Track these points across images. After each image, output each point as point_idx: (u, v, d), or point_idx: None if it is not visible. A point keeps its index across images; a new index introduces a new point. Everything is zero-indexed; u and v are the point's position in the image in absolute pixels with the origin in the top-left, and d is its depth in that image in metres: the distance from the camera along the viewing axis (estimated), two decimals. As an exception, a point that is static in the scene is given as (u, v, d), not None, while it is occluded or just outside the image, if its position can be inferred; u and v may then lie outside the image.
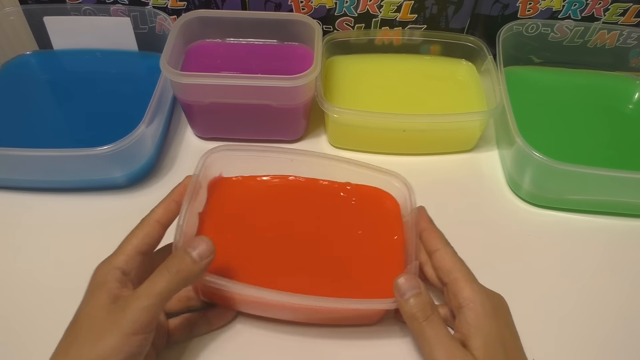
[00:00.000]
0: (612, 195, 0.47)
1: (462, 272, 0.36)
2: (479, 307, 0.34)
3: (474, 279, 0.36)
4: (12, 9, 0.56)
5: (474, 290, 0.35)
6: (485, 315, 0.34)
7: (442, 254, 0.37)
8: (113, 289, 0.32)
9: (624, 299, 0.43)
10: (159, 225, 0.36)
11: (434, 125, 0.51)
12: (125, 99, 0.54)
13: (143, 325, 0.30)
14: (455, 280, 0.36)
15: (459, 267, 0.36)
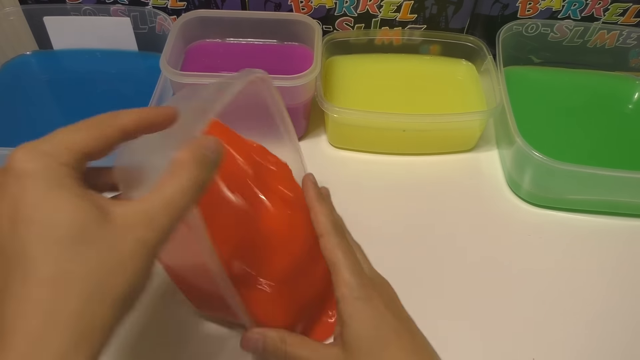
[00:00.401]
0: (612, 195, 0.47)
1: (338, 264, 0.34)
2: (351, 299, 0.33)
3: (352, 268, 0.34)
4: (12, 9, 0.56)
5: (346, 282, 0.34)
6: (357, 306, 0.33)
7: (323, 242, 0.35)
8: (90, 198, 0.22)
9: (624, 298, 0.43)
10: (121, 135, 0.26)
11: (434, 125, 0.51)
12: (125, 99, 0.54)
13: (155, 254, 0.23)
14: (334, 272, 0.34)
15: (336, 258, 0.34)
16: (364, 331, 0.33)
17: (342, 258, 0.34)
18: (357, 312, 0.33)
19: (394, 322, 0.33)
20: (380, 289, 0.35)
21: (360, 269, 0.35)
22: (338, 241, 0.35)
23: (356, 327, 0.33)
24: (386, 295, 0.35)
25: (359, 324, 0.33)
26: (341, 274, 0.34)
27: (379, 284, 0.36)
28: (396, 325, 0.33)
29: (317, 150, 0.53)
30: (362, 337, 0.33)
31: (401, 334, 0.33)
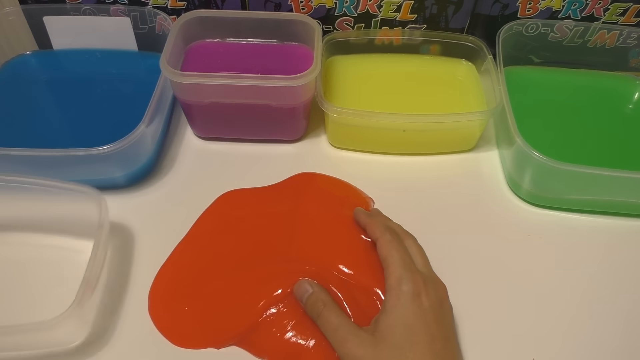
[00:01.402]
0: (612, 195, 0.47)
1: (390, 259, 0.37)
2: (397, 290, 0.35)
3: (403, 263, 0.36)
4: (12, 9, 0.56)
5: (396, 275, 0.35)
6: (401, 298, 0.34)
7: (379, 243, 0.39)
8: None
9: (624, 298, 0.43)
10: None
11: (434, 125, 0.51)
12: (125, 99, 0.54)
13: None
14: (386, 267, 0.37)
15: (388, 254, 0.37)
16: (399, 324, 0.34)
17: (394, 254, 0.37)
18: (399, 303, 0.34)
19: (432, 324, 0.34)
20: (429, 288, 0.35)
21: (412, 265, 0.36)
22: (390, 239, 0.38)
23: (393, 318, 0.34)
24: (434, 295, 0.35)
25: (396, 315, 0.34)
26: (392, 267, 0.36)
27: (430, 282, 0.36)
28: (433, 328, 0.34)
29: (317, 150, 0.53)
30: (395, 329, 0.33)
31: (435, 338, 0.33)
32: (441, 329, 0.34)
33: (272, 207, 0.47)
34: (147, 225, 0.46)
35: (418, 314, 0.34)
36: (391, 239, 0.38)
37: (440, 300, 0.36)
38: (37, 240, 0.44)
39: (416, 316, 0.34)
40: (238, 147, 0.53)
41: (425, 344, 0.33)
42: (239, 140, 0.54)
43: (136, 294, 0.42)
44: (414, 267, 0.37)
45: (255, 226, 0.45)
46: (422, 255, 0.39)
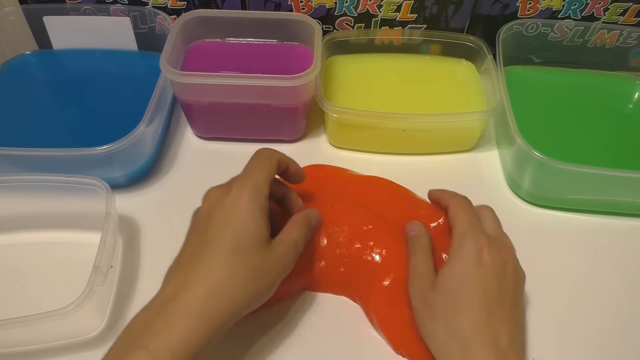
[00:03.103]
0: (612, 195, 0.47)
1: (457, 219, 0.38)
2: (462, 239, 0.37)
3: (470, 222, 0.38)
4: (12, 8, 0.56)
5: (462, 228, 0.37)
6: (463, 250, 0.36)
7: (450, 209, 0.40)
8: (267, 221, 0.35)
9: (623, 298, 0.43)
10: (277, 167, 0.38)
11: (434, 125, 0.51)
12: (125, 99, 0.54)
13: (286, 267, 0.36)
14: (453, 226, 0.38)
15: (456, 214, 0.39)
16: (455, 274, 0.35)
17: (462, 215, 0.38)
18: (459, 257, 0.36)
19: (488, 280, 0.35)
20: (493, 248, 0.36)
21: (478, 225, 0.38)
22: (460, 203, 0.40)
23: (450, 268, 0.36)
24: (496, 255, 0.36)
25: (454, 266, 0.36)
26: (458, 226, 0.38)
27: (495, 243, 0.37)
28: (489, 283, 0.35)
29: (317, 150, 0.53)
30: (451, 279, 0.35)
31: (488, 292, 0.34)
32: (497, 286, 0.35)
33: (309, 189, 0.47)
34: (147, 225, 0.46)
35: (476, 268, 0.35)
36: (461, 203, 0.40)
37: (503, 261, 0.36)
38: (47, 236, 0.45)
39: (473, 270, 0.35)
40: (238, 147, 0.53)
41: (476, 297, 0.34)
42: (239, 140, 0.54)
43: (146, 288, 0.42)
44: (480, 227, 0.38)
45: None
46: (495, 221, 0.40)
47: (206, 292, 0.31)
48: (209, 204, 0.35)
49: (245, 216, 0.34)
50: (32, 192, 0.43)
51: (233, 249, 0.33)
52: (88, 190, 0.42)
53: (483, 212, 0.40)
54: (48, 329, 0.36)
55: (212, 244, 0.33)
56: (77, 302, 0.35)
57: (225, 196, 0.35)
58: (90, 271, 0.37)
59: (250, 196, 0.35)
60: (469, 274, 0.35)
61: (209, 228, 0.34)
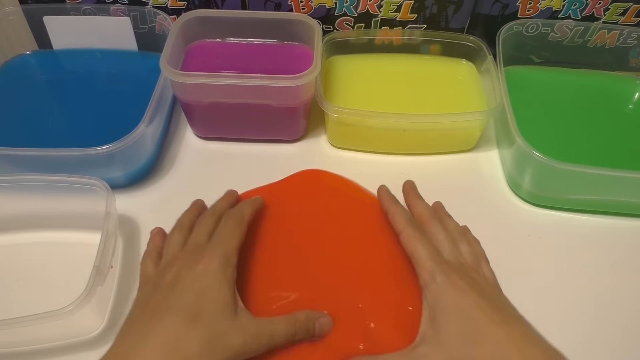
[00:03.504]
0: (612, 195, 0.47)
1: (416, 254, 0.37)
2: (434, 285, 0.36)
3: (430, 256, 0.37)
4: (12, 8, 0.56)
5: (427, 270, 0.36)
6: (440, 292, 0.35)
7: (402, 238, 0.39)
8: (235, 291, 0.35)
9: (623, 298, 0.43)
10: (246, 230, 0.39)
11: (434, 125, 0.51)
12: (125, 99, 0.54)
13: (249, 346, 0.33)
14: (414, 262, 0.38)
15: (414, 248, 0.38)
16: (450, 313, 0.35)
17: (420, 248, 0.37)
18: (441, 297, 0.35)
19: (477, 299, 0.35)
20: (458, 271, 0.36)
21: (438, 257, 0.37)
22: (413, 233, 0.38)
23: (442, 310, 0.35)
24: (465, 276, 0.36)
25: (443, 307, 0.35)
26: (421, 263, 0.37)
27: (457, 267, 0.37)
28: (480, 302, 0.34)
29: (317, 150, 0.53)
30: (451, 320, 0.34)
31: (484, 310, 0.34)
32: (487, 300, 0.35)
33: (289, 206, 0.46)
34: (147, 225, 0.46)
35: (461, 296, 0.35)
36: (413, 234, 0.39)
37: (473, 280, 0.36)
38: (47, 236, 0.45)
39: (460, 299, 0.35)
40: (238, 147, 0.53)
41: (482, 318, 0.34)
42: (239, 140, 0.54)
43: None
44: (441, 259, 0.37)
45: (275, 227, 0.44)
46: (448, 241, 0.39)
47: (160, 356, 0.30)
48: (177, 269, 0.35)
49: (211, 284, 0.34)
50: (32, 192, 0.43)
51: (192, 315, 0.32)
52: (88, 190, 0.42)
53: (433, 231, 0.40)
54: (48, 329, 0.36)
55: (175, 307, 0.33)
56: (77, 302, 0.35)
57: (196, 263, 0.35)
58: (90, 271, 0.37)
59: (220, 265, 0.35)
60: (461, 305, 0.34)
61: (174, 291, 0.34)
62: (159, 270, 0.37)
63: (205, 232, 0.38)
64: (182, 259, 0.36)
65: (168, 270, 0.36)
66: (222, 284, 0.34)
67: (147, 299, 0.34)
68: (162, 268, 0.37)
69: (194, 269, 0.35)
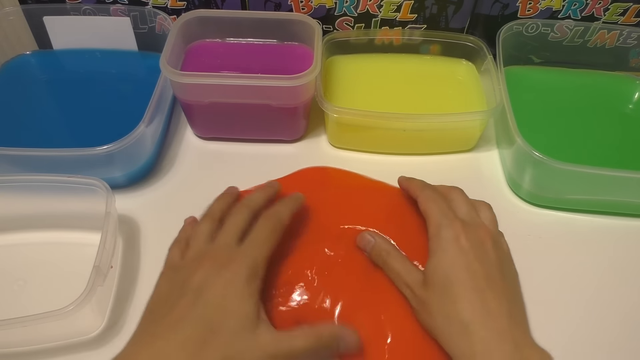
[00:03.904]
0: (612, 195, 0.47)
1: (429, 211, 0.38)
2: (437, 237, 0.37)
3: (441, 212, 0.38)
4: (12, 8, 0.56)
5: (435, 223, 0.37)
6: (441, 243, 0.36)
7: (419, 201, 0.40)
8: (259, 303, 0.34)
9: (624, 298, 0.43)
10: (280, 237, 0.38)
11: (434, 125, 0.51)
12: (125, 99, 0.54)
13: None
14: (427, 219, 0.38)
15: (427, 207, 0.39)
16: (441, 266, 0.35)
17: (432, 206, 0.38)
18: (440, 248, 0.36)
19: (472, 263, 0.35)
20: (469, 231, 0.37)
21: (450, 213, 0.38)
22: (428, 194, 0.39)
23: (435, 262, 0.36)
24: (474, 237, 0.36)
25: (438, 259, 0.36)
26: (431, 217, 0.38)
27: (470, 226, 0.37)
28: (474, 265, 0.35)
29: (317, 150, 0.53)
30: (438, 272, 0.35)
31: (476, 274, 0.35)
32: (482, 266, 0.35)
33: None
34: (147, 225, 0.46)
35: (457, 254, 0.35)
36: (429, 194, 0.39)
37: (481, 241, 0.36)
38: (47, 236, 0.45)
39: (455, 258, 0.35)
40: (238, 147, 0.53)
41: (465, 281, 0.34)
42: (239, 140, 0.54)
43: (146, 288, 0.42)
44: (452, 215, 0.38)
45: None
46: (467, 204, 0.40)
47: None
48: (205, 273, 0.34)
49: (235, 296, 0.33)
50: (32, 192, 0.43)
51: (215, 329, 0.32)
52: (88, 190, 0.42)
53: (453, 196, 0.40)
54: (48, 329, 0.36)
55: (197, 318, 0.32)
56: (77, 302, 0.35)
57: (225, 270, 0.34)
58: (90, 271, 0.37)
59: (248, 277, 0.34)
60: (452, 262, 0.35)
61: (199, 298, 0.33)
62: (185, 263, 0.36)
63: (237, 230, 0.37)
64: (210, 261, 0.35)
65: (195, 270, 0.34)
66: (245, 297, 0.33)
67: (173, 301, 0.33)
68: (189, 263, 0.36)
69: (222, 276, 0.33)
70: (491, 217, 0.40)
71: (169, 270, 0.37)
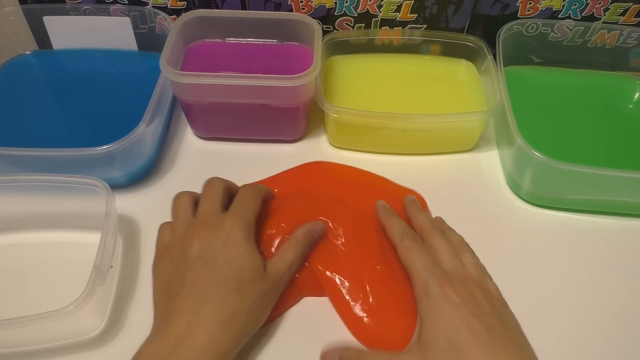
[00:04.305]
0: (612, 195, 0.47)
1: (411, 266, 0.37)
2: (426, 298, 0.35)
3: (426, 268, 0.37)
4: (12, 9, 0.56)
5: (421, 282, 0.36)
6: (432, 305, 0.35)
7: (398, 250, 0.39)
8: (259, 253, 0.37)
9: (623, 298, 0.43)
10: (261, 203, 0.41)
11: (434, 125, 0.51)
12: (125, 99, 0.54)
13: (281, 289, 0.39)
14: (410, 274, 0.38)
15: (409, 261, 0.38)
16: (438, 329, 0.34)
17: (415, 261, 0.37)
18: (432, 310, 0.35)
19: (469, 319, 0.34)
20: (456, 284, 0.35)
21: (434, 268, 0.36)
22: (408, 246, 0.39)
23: (430, 326, 0.34)
24: (462, 290, 0.35)
25: (433, 322, 0.34)
26: (415, 275, 0.37)
27: (456, 279, 0.36)
28: (472, 321, 0.34)
29: (317, 150, 0.53)
30: (437, 336, 0.34)
31: (476, 331, 0.33)
32: (481, 320, 0.34)
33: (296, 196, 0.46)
34: (147, 225, 0.46)
35: (453, 314, 0.34)
36: (409, 245, 0.38)
37: (471, 293, 0.35)
38: (47, 236, 0.45)
39: (452, 317, 0.34)
40: (238, 147, 0.53)
41: (470, 340, 0.33)
42: (239, 140, 0.54)
43: (146, 288, 0.42)
44: (437, 270, 0.36)
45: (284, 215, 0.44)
46: (449, 251, 0.38)
47: (218, 332, 0.33)
48: (202, 241, 0.36)
49: (241, 253, 0.36)
50: (32, 192, 0.43)
51: (236, 286, 0.35)
52: (88, 190, 0.42)
53: (433, 242, 0.39)
54: (48, 329, 0.36)
55: (214, 282, 0.34)
56: (77, 302, 0.35)
57: (220, 231, 0.36)
58: (90, 271, 0.36)
59: (244, 232, 0.37)
60: (451, 323, 0.34)
61: (208, 264, 0.35)
62: (178, 240, 0.37)
63: (217, 198, 0.39)
64: (203, 229, 0.37)
65: (191, 241, 0.36)
66: (249, 251, 0.36)
67: (182, 274, 0.35)
68: (182, 238, 0.37)
69: (220, 238, 0.36)
70: (474, 261, 0.39)
71: (163, 249, 0.38)
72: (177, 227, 0.38)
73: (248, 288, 0.35)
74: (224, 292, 0.34)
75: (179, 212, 0.39)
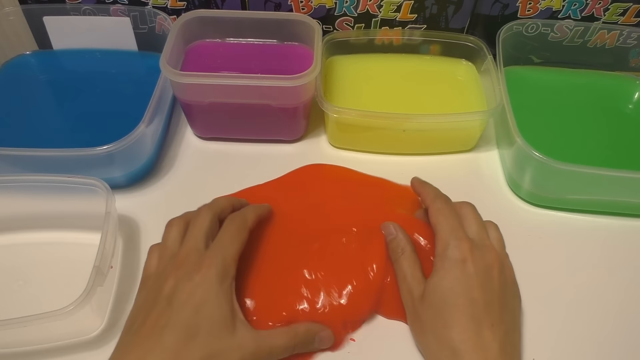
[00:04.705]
0: (612, 195, 0.47)
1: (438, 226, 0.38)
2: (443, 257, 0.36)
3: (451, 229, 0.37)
4: (12, 9, 0.56)
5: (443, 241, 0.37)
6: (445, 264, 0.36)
7: (430, 211, 0.40)
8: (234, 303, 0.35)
9: (623, 298, 0.43)
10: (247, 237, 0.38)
11: (434, 125, 0.51)
12: (125, 99, 0.54)
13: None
14: (436, 233, 0.38)
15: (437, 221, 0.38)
16: (441, 287, 0.35)
17: (442, 221, 0.38)
18: (443, 269, 0.35)
19: (473, 289, 0.34)
20: (476, 254, 0.36)
21: (460, 232, 0.37)
22: (440, 207, 0.39)
23: (436, 281, 0.35)
24: (480, 261, 0.36)
25: (439, 279, 0.35)
26: (440, 234, 0.37)
27: (478, 249, 0.36)
28: (474, 292, 0.34)
29: (317, 150, 0.53)
30: (437, 291, 0.35)
31: (474, 302, 0.34)
32: (483, 294, 0.34)
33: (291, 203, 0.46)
34: (147, 225, 0.46)
35: (460, 278, 0.35)
36: (440, 207, 0.39)
37: (488, 267, 0.36)
38: (47, 236, 0.45)
39: (457, 281, 0.35)
40: (238, 147, 0.53)
41: (462, 307, 0.34)
42: (239, 140, 0.54)
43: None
44: (462, 234, 0.37)
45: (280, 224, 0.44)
46: (478, 223, 0.39)
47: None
48: (175, 280, 0.34)
49: (209, 300, 0.33)
50: (32, 192, 0.43)
51: (193, 333, 0.32)
52: (88, 190, 0.42)
53: (464, 212, 0.40)
54: (48, 329, 0.36)
55: (172, 325, 0.32)
56: (77, 302, 0.35)
57: (194, 273, 0.34)
58: (90, 271, 0.36)
59: (218, 278, 0.34)
60: (454, 285, 0.35)
61: (172, 306, 0.33)
62: (158, 270, 0.36)
63: (202, 233, 0.37)
64: (179, 267, 0.35)
65: (166, 278, 0.35)
66: (219, 299, 0.33)
67: (147, 311, 0.34)
68: (162, 270, 0.36)
69: (192, 281, 0.33)
70: (499, 238, 0.40)
71: (146, 279, 0.37)
72: (162, 259, 0.37)
73: (205, 339, 0.32)
74: (178, 338, 0.31)
75: (167, 243, 0.38)
